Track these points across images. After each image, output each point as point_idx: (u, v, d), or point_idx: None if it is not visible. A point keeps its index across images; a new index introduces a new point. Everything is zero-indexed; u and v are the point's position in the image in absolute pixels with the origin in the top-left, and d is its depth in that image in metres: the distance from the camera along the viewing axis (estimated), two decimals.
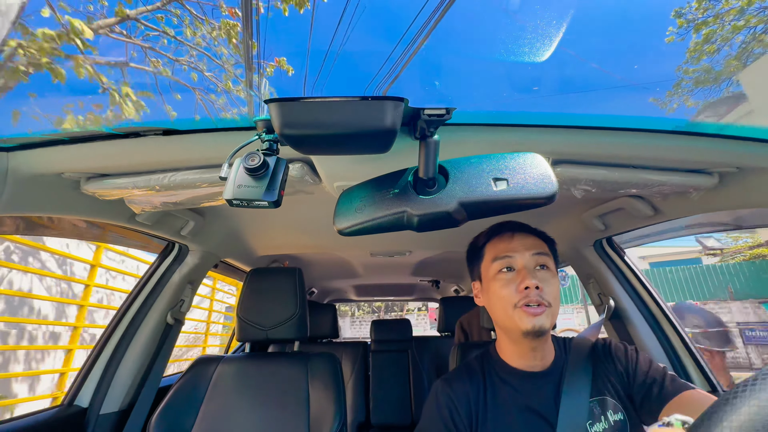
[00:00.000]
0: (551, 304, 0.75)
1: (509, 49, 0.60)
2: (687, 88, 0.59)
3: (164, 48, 0.92)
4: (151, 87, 0.74)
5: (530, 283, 0.74)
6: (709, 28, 0.58)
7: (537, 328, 0.73)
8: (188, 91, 0.73)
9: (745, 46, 0.59)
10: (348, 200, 0.57)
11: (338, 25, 0.62)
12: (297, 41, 0.79)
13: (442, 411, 0.80)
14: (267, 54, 0.77)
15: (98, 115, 0.70)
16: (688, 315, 2.86)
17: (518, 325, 0.75)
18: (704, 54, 0.58)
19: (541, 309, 0.74)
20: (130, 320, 1.32)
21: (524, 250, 0.80)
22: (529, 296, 0.74)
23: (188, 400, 1.16)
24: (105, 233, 1.24)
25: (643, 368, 0.77)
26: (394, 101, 0.45)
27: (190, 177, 0.82)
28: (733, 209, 0.90)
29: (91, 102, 0.69)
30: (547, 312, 0.74)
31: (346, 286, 3.49)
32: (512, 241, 0.82)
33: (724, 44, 0.58)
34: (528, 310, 0.74)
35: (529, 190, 0.50)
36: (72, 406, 1.21)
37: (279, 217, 1.41)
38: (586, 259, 1.45)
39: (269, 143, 0.54)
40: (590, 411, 0.74)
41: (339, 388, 1.19)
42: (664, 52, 0.62)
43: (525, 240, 0.82)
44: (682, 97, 0.60)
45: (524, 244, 0.81)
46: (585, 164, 0.80)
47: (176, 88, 0.75)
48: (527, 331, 0.74)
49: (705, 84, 0.58)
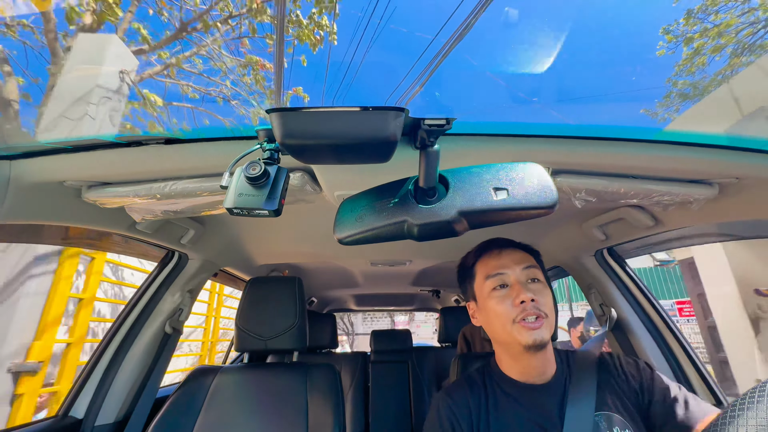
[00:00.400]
0: (548, 315, 0.76)
1: (509, 61, 0.61)
2: (684, 99, 0.59)
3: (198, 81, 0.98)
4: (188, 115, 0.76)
5: (525, 297, 0.76)
6: (699, 41, 0.60)
7: (538, 341, 0.73)
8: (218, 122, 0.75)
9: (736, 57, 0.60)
10: (348, 209, 0.57)
11: (355, 51, 0.63)
12: (315, 73, 0.81)
13: (444, 423, 0.79)
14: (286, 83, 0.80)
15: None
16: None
17: (518, 340, 0.75)
18: (694, 66, 0.59)
19: (539, 322, 0.75)
20: (128, 329, 1.31)
21: (515, 265, 0.81)
22: (526, 309, 0.75)
23: (185, 411, 1.14)
24: (104, 241, 1.24)
25: (660, 386, 0.75)
26: (394, 111, 0.46)
27: (191, 186, 0.82)
28: (734, 220, 0.90)
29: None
30: (545, 324, 0.75)
31: (346, 296, 3.47)
32: (501, 257, 0.84)
33: (714, 56, 0.60)
34: (526, 324, 0.74)
35: (530, 200, 0.50)
36: (67, 417, 1.19)
37: (279, 226, 1.41)
38: (587, 268, 1.44)
39: (270, 152, 0.54)
40: (595, 425, 0.72)
41: (338, 399, 1.17)
42: (660, 64, 0.63)
43: (513, 255, 0.84)
44: (682, 107, 0.61)
45: (514, 260, 0.83)
46: (585, 174, 0.80)
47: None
48: (528, 345, 0.74)
49: (702, 95, 0.58)
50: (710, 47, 0.56)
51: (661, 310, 1.32)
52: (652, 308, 1.33)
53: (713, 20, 0.63)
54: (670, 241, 1.28)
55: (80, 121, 0.93)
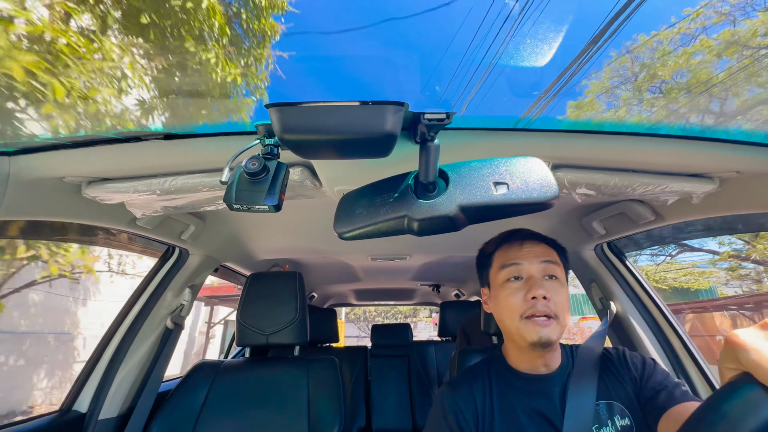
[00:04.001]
0: (558, 316, 0.74)
1: (509, 55, 0.60)
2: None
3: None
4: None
5: (537, 294, 0.73)
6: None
7: (544, 340, 0.72)
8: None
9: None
10: (348, 204, 0.57)
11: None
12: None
13: (448, 416, 0.79)
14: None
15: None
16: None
17: (524, 336, 0.74)
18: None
19: (548, 322, 0.73)
20: (130, 324, 1.32)
21: (533, 258, 0.78)
22: (536, 306, 0.73)
23: (188, 405, 1.15)
24: (104, 237, 1.24)
25: (658, 377, 0.76)
26: (394, 106, 0.45)
27: (191, 181, 0.82)
28: (734, 213, 0.90)
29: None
30: (554, 325, 0.73)
31: (347, 291, 3.48)
32: (521, 249, 0.81)
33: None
34: (535, 321, 0.73)
35: (529, 194, 0.50)
36: (70, 411, 1.20)
37: (279, 222, 1.41)
38: (587, 263, 1.44)
39: (270, 148, 0.54)
40: (596, 414, 0.73)
41: (339, 393, 1.18)
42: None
43: (534, 248, 0.81)
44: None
45: (533, 252, 0.80)
46: (585, 168, 0.80)
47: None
48: (534, 342, 0.73)
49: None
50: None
51: (661, 304, 1.33)
52: (652, 303, 1.34)
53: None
54: (670, 235, 1.28)
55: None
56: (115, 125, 1.68)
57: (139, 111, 1.61)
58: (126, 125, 1.74)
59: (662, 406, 0.69)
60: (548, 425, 0.74)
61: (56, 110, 1.21)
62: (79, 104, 1.30)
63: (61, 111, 1.21)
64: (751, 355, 0.38)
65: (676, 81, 3.81)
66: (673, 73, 3.89)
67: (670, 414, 0.67)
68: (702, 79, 3.26)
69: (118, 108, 1.51)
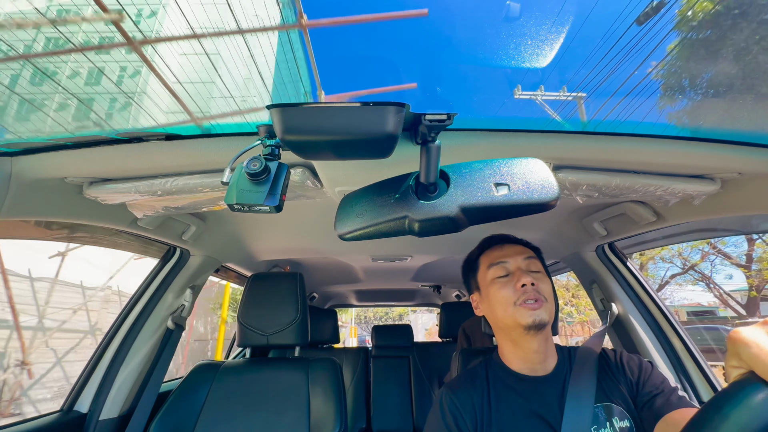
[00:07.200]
0: (547, 300, 0.80)
1: (510, 55, 0.60)
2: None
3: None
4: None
5: (526, 280, 0.80)
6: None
7: (537, 321, 0.77)
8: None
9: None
10: (349, 205, 0.57)
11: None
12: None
13: (447, 418, 0.80)
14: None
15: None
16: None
17: (518, 321, 0.78)
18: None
19: (538, 304, 0.78)
20: (131, 325, 1.32)
21: (516, 255, 0.87)
22: (526, 293, 0.79)
23: (188, 405, 1.15)
24: (105, 237, 1.25)
25: (655, 381, 0.77)
26: (395, 107, 0.45)
27: (192, 182, 0.82)
28: (736, 214, 0.90)
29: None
30: (544, 306, 0.79)
31: (347, 292, 3.48)
32: (504, 249, 0.90)
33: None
34: (527, 305, 0.78)
35: (531, 195, 0.50)
36: (71, 411, 1.20)
37: (280, 222, 1.41)
38: (588, 264, 1.44)
39: (271, 148, 0.54)
40: (595, 416, 0.73)
41: (340, 393, 1.18)
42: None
43: (515, 248, 0.90)
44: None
45: (515, 251, 0.88)
46: (586, 170, 0.80)
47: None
48: (528, 325, 0.77)
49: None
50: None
51: (662, 305, 1.32)
52: (653, 304, 1.33)
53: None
54: (672, 236, 1.28)
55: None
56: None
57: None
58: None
59: (658, 412, 0.70)
60: (546, 427, 0.74)
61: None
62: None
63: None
64: (751, 349, 0.39)
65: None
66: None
67: (666, 420, 0.67)
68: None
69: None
